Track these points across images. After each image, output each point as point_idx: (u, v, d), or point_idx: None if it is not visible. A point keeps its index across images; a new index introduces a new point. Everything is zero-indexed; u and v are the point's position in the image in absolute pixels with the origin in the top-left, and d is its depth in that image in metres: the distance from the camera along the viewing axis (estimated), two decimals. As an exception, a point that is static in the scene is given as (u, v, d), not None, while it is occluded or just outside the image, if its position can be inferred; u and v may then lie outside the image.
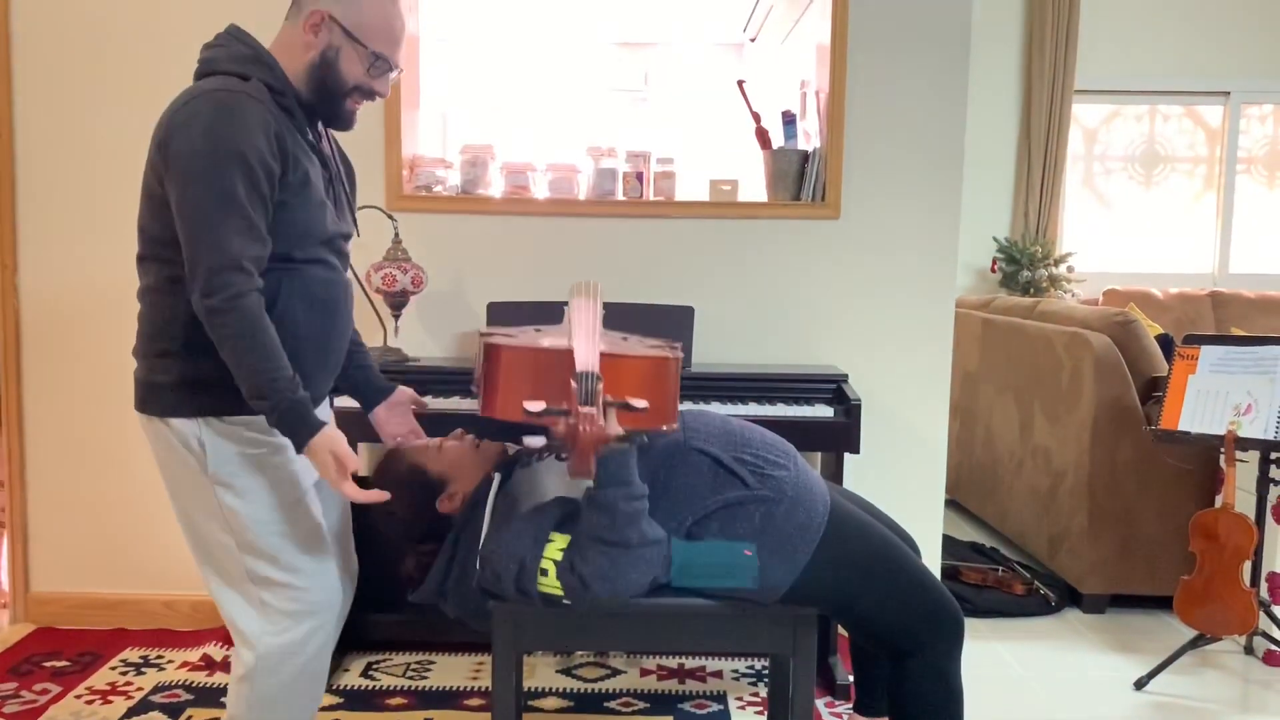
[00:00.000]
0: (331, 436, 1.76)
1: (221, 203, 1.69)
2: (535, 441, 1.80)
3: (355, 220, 2.05)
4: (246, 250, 1.70)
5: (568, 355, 1.79)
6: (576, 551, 1.87)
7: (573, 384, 1.72)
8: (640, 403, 1.79)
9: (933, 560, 3.19)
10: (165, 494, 1.95)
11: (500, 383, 1.82)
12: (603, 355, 1.80)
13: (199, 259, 1.69)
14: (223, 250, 1.68)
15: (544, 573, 1.88)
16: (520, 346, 1.85)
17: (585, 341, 1.82)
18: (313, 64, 1.85)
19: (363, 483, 1.84)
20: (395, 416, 2.19)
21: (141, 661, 2.99)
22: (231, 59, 1.82)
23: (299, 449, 1.75)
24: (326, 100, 1.88)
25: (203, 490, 1.85)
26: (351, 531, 2.19)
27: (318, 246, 1.88)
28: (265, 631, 1.88)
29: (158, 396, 1.85)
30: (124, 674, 2.90)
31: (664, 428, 1.89)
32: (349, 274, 2.02)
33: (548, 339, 1.89)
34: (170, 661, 2.99)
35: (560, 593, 1.87)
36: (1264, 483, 2.93)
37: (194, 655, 3.02)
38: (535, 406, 1.72)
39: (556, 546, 1.90)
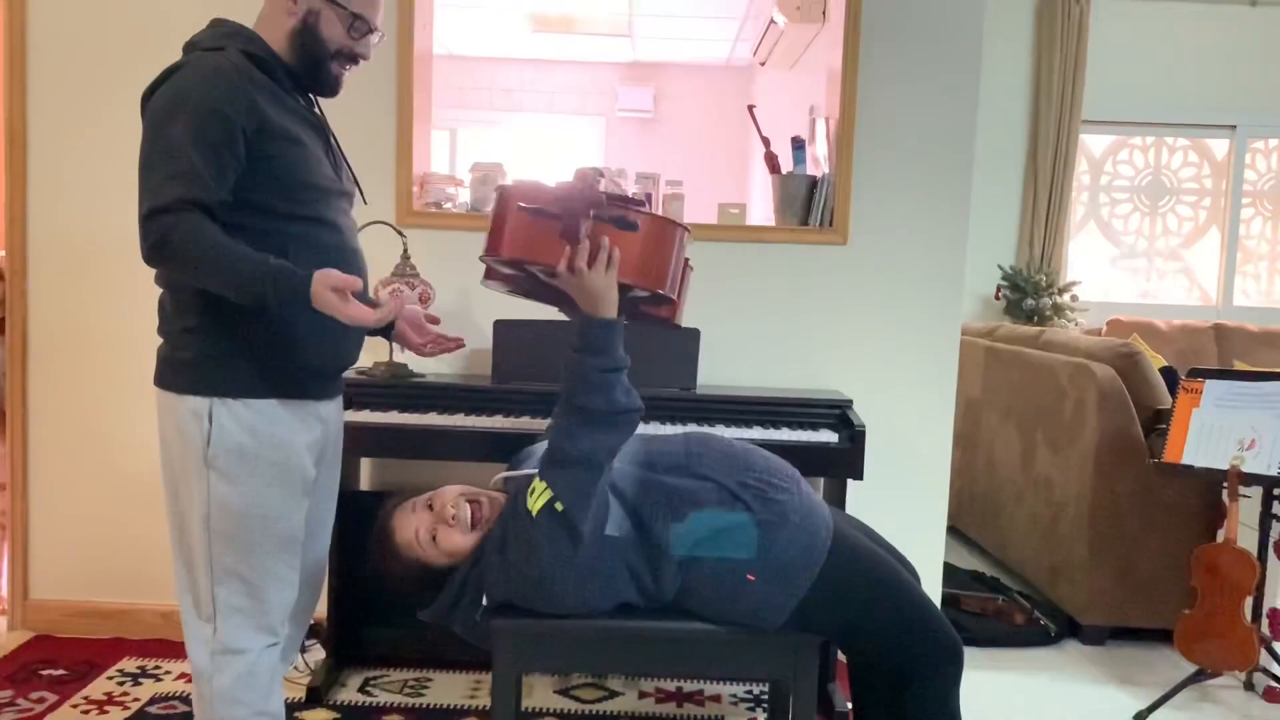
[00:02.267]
0: (323, 274, 1.73)
1: (164, 151, 1.73)
2: (526, 204, 1.81)
3: (359, 184, 2.08)
4: (182, 194, 1.71)
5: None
6: (552, 423, 1.92)
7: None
8: (638, 212, 1.83)
9: (934, 588, 3.18)
10: (159, 505, 1.97)
11: (507, 218, 1.85)
12: (605, 193, 1.84)
13: (141, 208, 1.73)
14: (154, 197, 1.71)
15: (532, 491, 1.90)
16: (530, 185, 1.88)
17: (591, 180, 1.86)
18: (294, 30, 1.90)
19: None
20: (414, 330, 2.20)
21: (139, 672, 2.98)
22: (209, 38, 1.89)
23: (308, 303, 1.72)
24: (311, 66, 1.93)
25: (198, 473, 1.86)
26: (328, 539, 2.19)
27: (317, 201, 1.90)
28: (227, 626, 1.90)
29: (176, 372, 1.88)
30: (121, 684, 2.89)
31: (660, 290, 1.88)
32: (358, 238, 2.04)
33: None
34: (168, 673, 2.98)
35: (549, 494, 1.87)
36: (1267, 518, 2.93)
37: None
38: (530, 205, 1.80)
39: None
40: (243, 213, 1.80)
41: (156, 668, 3.01)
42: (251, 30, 1.92)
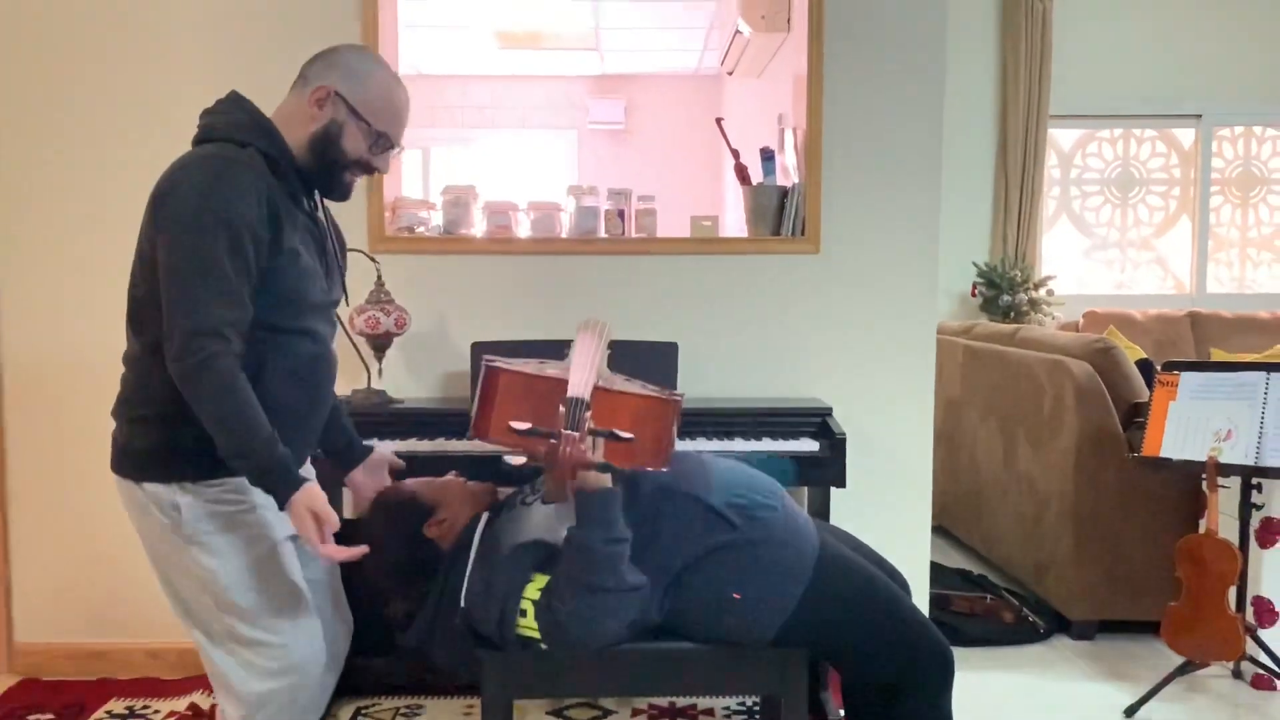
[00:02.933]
0: (312, 494, 1.76)
1: (203, 268, 1.70)
2: (516, 460, 1.81)
3: (345, 288, 2.06)
4: (225, 316, 1.70)
5: (562, 383, 1.82)
6: (554, 593, 1.87)
7: (560, 409, 1.75)
8: (627, 435, 1.81)
9: (921, 590, 3.19)
10: (140, 546, 1.95)
11: (494, 404, 1.84)
12: (597, 388, 1.83)
13: (175, 323, 1.70)
14: (199, 315, 1.69)
15: (523, 613, 1.89)
16: (517, 370, 1.88)
17: (581, 372, 1.87)
18: (315, 136, 1.87)
19: (347, 531, 1.84)
20: (372, 478, 2.19)
21: (127, 712, 2.96)
22: (230, 126, 1.84)
23: (281, 506, 1.75)
24: (325, 171, 1.90)
25: (179, 550, 1.85)
26: (340, 578, 2.18)
27: (305, 315, 1.88)
28: (252, 689, 1.87)
29: (133, 461, 1.86)
30: (110, 726, 2.87)
31: (650, 469, 1.90)
32: (335, 342, 2.03)
33: (551, 369, 1.92)
34: (156, 711, 2.96)
35: (538, 635, 1.88)
36: (1246, 508, 2.95)
37: (181, 704, 2.99)
38: (521, 426, 1.76)
39: (536, 586, 1.91)
40: None
41: (145, 707, 2.99)
42: (271, 124, 1.87)
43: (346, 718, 2.89)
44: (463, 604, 1.94)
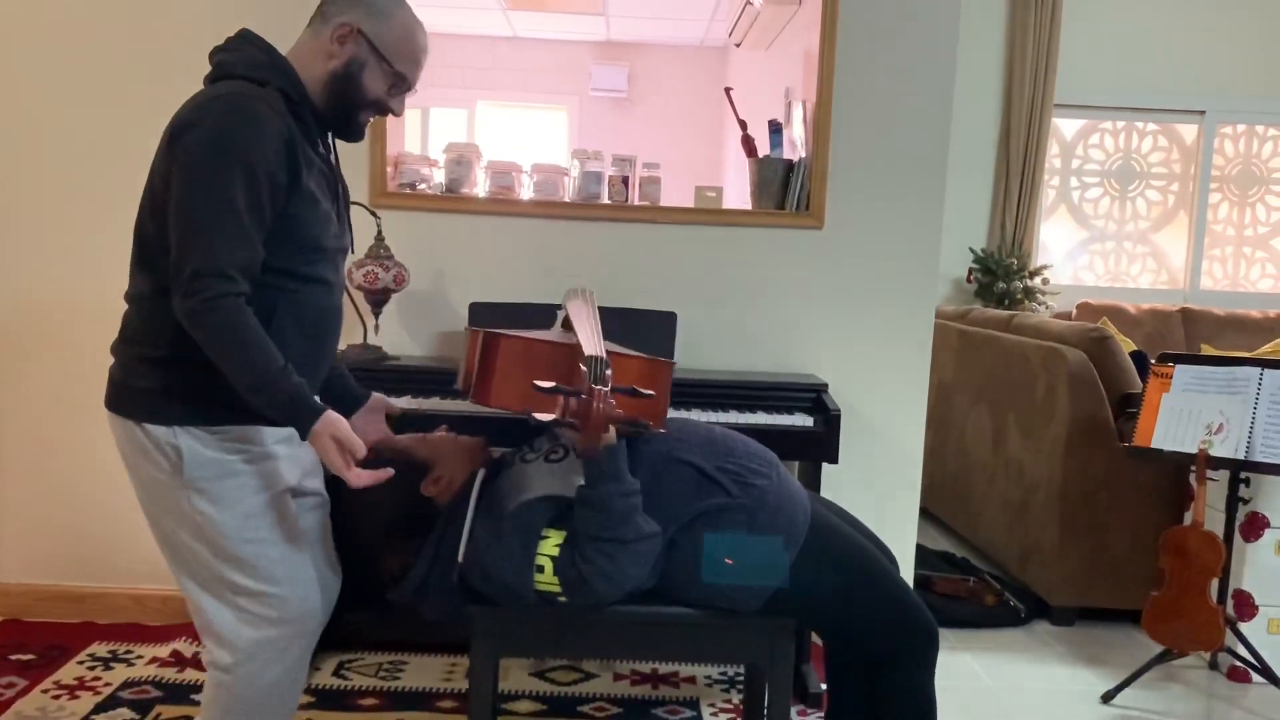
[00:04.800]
0: (333, 421, 1.72)
1: (216, 209, 1.67)
2: (544, 416, 1.80)
3: (352, 236, 2.04)
4: (235, 258, 1.67)
5: (569, 346, 1.86)
6: (574, 549, 1.88)
7: (582, 367, 1.77)
8: (648, 390, 1.84)
9: (906, 569, 3.21)
10: (129, 490, 1.92)
11: (497, 370, 1.83)
12: (607, 350, 1.85)
13: (185, 261, 1.67)
14: (207, 256, 1.66)
15: (540, 569, 1.89)
16: (520, 335, 1.87)
17: (589, 334, 1.88)
18: (334, 74, 1.84)
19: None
20: (370, 424, 2.17)
21: (110, 656, 2.96)
22: (248, 64, 1.80)
23: (303, 436, 1.71)
24: (342, 111, 1.87)
25: (175, 496, 1.81)
26: (331, 532, 2.16)
27: (320, 261, 1.86)
28: (245, 638, 1.86)
29: (135, 400, 1.82)
30: (92, 669, 2.87)
31: (651, 426, 1.90)
32: (343, 295, 2.01)
33: (547, 335, 1.93)
34: (140, 657, 2.96)
35: (558, 589, 1.88)
36: (1233, 501, 2.98)
37: (164, 651, 3.00)
38: (546, 384, 1.75)
39: (552, 543, 1.91)
40: None
41: (128, 652, 2.99)
42: (288, 63, 1.83)
43: (330, 671, 2.90)
44: (460, 560, 1.94)
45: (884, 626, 2.04)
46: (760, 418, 2.75)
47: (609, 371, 1.80)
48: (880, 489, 3.21)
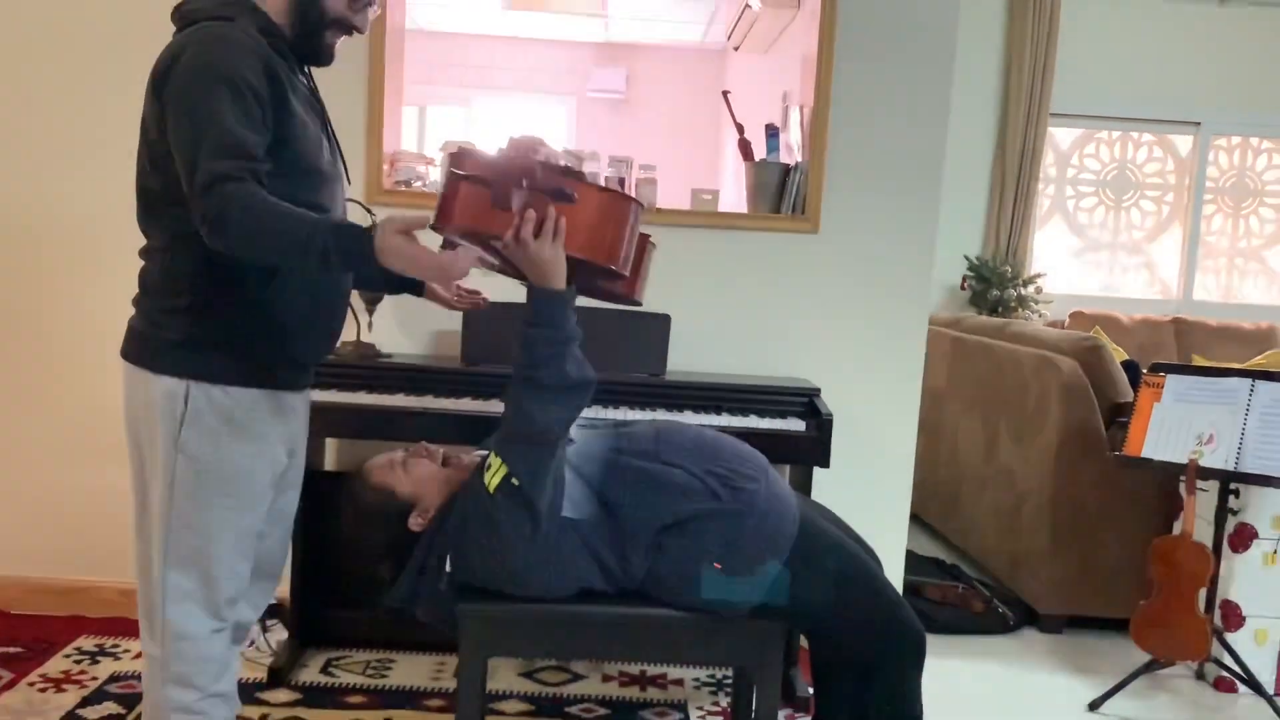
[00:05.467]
0: (388, 221, 1.67)
1: (211, 126, 1.67)
2: (459, 171, 1.76)
3: (346, 168, 2.04)
4: (232, 166, 1.66)
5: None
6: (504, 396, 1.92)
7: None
8: (574, 190, 1.78)
9: (896, 575, 3.21)
10: (124, 481, 1.92)
11: (457, 188, 1.78)
12: (547, 165, 1.81)
13: (192, 184, 1.67)
14: (209, 171, 1.65)
15: (488, 467, 1.90)
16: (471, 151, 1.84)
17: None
18: None
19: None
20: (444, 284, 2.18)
21: (97, 650, 2.95)
22: (213, 6, 1.82)
23: (375, 260, 1.65)
24: (307, 34, 1.88)
25: (165, 454, 1.82)
26: (289, 527, 2.15)
27: (320, 188, 1.87)
28: (167, 612, 1.86)
29: (154, 351, 1.83)
30: (78, 662, 2.86)
31: (610, 266, 1.84)
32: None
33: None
34: (126, 651, 2.95)
35: (505, 469, 1.88)
36: (1222, 512, 2.98)
37: (151, 645, 2.99)
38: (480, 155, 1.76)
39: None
40: None
41: (115, 646, 2.98)
42: (253, 1, 1.84)
43: (317, 668, 2.90)
44: (448, 569, 1.95)
45: (872, 631, 2.04)
46: (753, 421, 2.75)
47: (541, 150, 1.78)
48: (871, 494, 3.22)
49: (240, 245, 1.68)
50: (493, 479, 1.88)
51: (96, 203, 3.05)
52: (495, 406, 2.69)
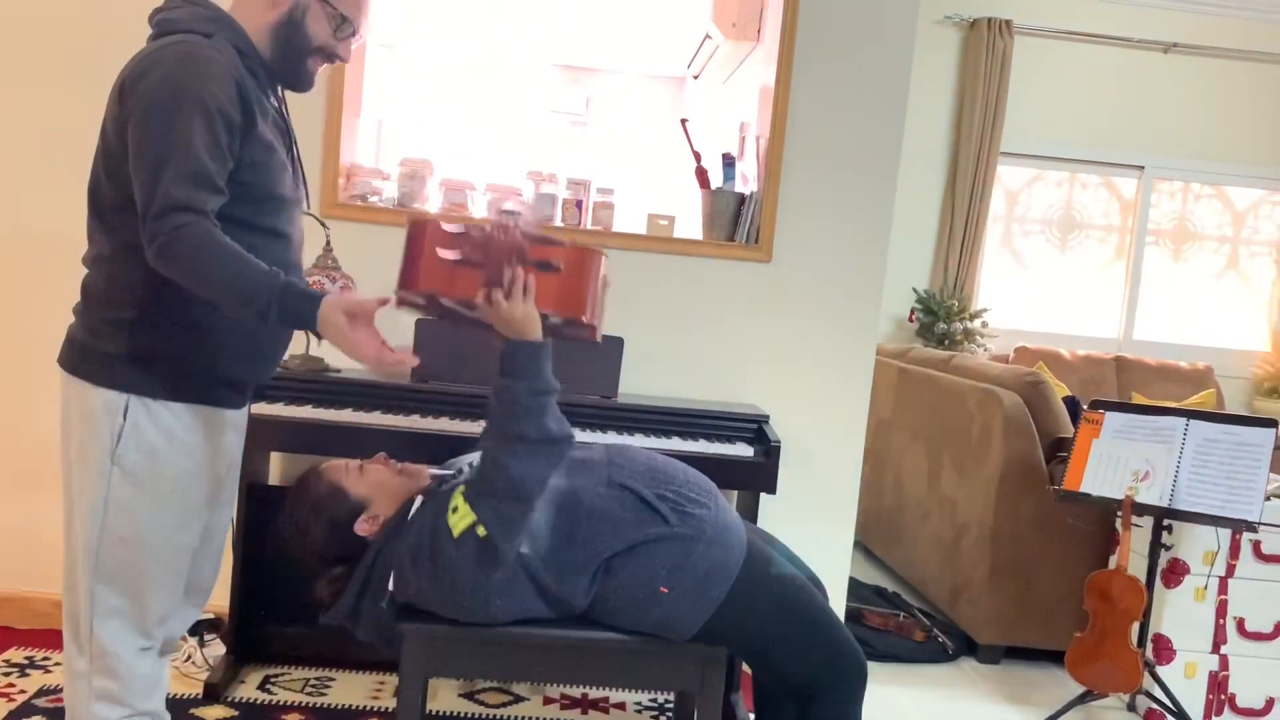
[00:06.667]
0: (334, 300, 1.69)
1: (175, 148, 1.66)
2: (448, 254, 1.77)
3: (307, 191, 2.03)
4: (194, 196, 1.65)
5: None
6: (480, 452, 1.89)
7: (492, 219, 1.76)
8: (557, 260, 1.83)
9: (838, 602, 3.24)
10: (56, 490, 1.88)
11: (424, 251, 1.80)
12: (525, 235, 1.83)
13: (149, 205, 1.66)
14: (168, 194, 1.64)
15: (454, 510, 1.89)
16: (445, 219, 1.86)
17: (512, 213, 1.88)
18: (279, 22, 1.84)
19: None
20: (369, 333, 2.16)
21: (26, 663, 2.88)
22: (191, 19, 1.80)
23: (312, 328, 1.68)
24: (289, 60, 1.87)
25: (99, 468, 1.79)
26: (222, 544, 2.12)
27: (279, 212, 1.86)
28: (94, 630, 1.83)
29: (94, 362, 1.79)
30: (6, 675, 2.79)
31: (581, 318, 1.88)
32: (302, 250, 1.99)
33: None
34: (57, 664, 2.88)
35: (471, 517, 1.86)
36: (1156, 547, 3.05)
37: (82, 659, 2.92)
38: (454, 228, 1.76)
39: (459, 491, 1.92)
40: None
41: (45, 659, 2.91)
42: (232, 19, 1.83)
43: (254, 684, 2.85)
44: (390, 588, 1.94)
45: (814, 660, 2.06)
46: (702, 446, 2.77)
47: (519, 216, 1.80)
48: (816, 521, 3.25)
49: (182, 279, 1.68)
50: (458, 524, 1.87)
51: (37, 212, 3.00)
52: (444, 425, 2.69)
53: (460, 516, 1.87)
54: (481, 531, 1.86)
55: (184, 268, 1.66)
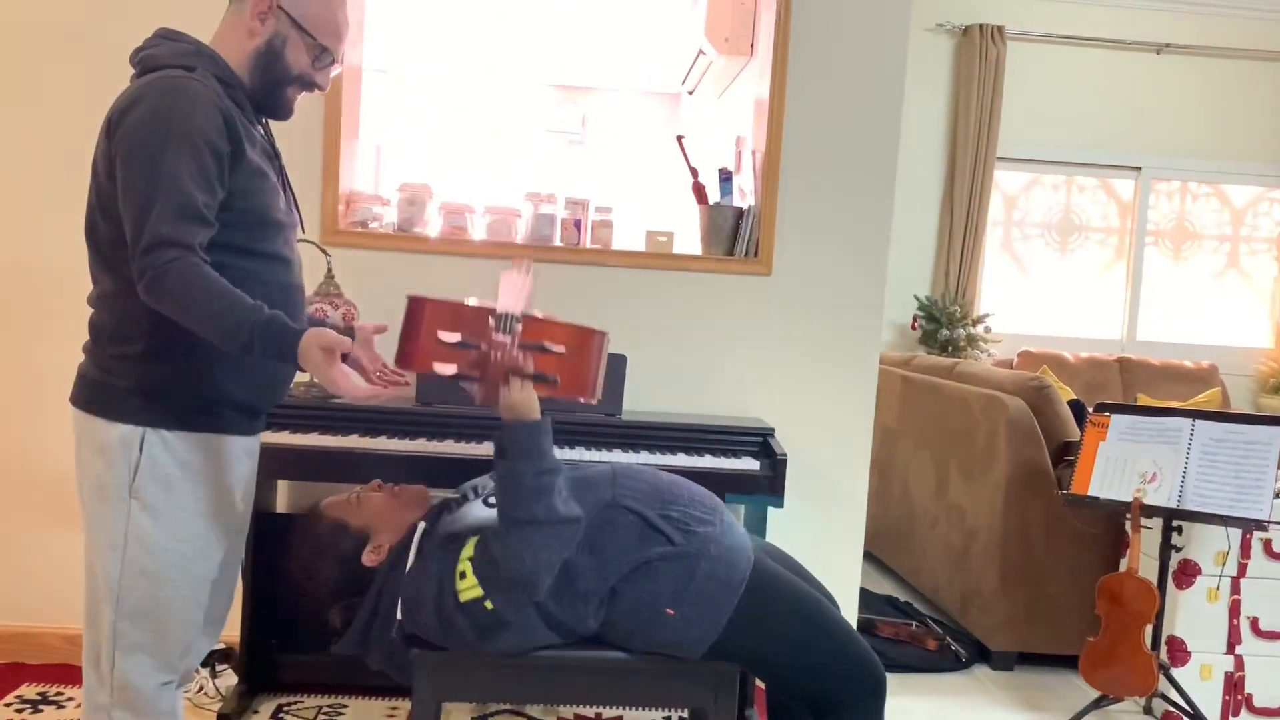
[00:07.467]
0: (316, 333, 1.70)
1: (163, 182, 1.67)
2: (446, 369, 1.78)
3: (300, 215, 2.04)
4: (180, 231, 1.67)
5: (490, 309, 1.83)
6: (488, 536, 1.88)
7: (490, 320, 1.77)
8: (557, 347, 1.83)
9: (850, 613, 3.23)
10: (67, 524, 1.89)
11: (421, 331, 1.81)
12: (526, 315, 1.83)
13: (137, 241, 1.67)
14: (156, 229, 1.66)
15: (462, 575, 1.89)
16: (444, 300, 1.85)
17: (510, 297, 1.85)
18: (258, 51, 1.86)
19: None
20: (367, 354, 2.16)
21: (39, 699, 2.88)
22: (173, 54, 1.82)
23: (292, 361, 1.70)
24: (268, 88, 1.89)
25: (117, 502, 1.80)
26: (237, 574, 2.12)
27: (274, 237, 1.87)
28: (116, 664, 1.83)
29: (107, 397, 1.81)
30: (19, 711, 2.79)
31: (582, 400, 1.87)
32: (302, 273, 2.01)
33: (477, 301, 1.91)
34: (70, 699, 2.88)
35: (480, 592, 1.87)
36: (1166, 549, 3.04)
37: (95, 693, 2.92)
38: (450, 337, 1.76)
39: (470, 547, 1.91)
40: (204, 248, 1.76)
41: (59, 694, 2.91)
42: (213, 50, 1.85)
43: (268, 714, 2.85)
44: (399, 616, 1.94)
45: (831, 674, 2.05)
46: (708, 461, 2.77)
47: (518, 326, 1.80)
48: (825, 532, 3.24)
49: (170, 313, 1.69)
50: (465, 592, 1.88)
51: (41, 251, 3.02)
52: (450, 447, 2.69)
53: (469, 586, 1.88)
54: (489, 605, 1.88)
55: (171, 302, 1.68)
